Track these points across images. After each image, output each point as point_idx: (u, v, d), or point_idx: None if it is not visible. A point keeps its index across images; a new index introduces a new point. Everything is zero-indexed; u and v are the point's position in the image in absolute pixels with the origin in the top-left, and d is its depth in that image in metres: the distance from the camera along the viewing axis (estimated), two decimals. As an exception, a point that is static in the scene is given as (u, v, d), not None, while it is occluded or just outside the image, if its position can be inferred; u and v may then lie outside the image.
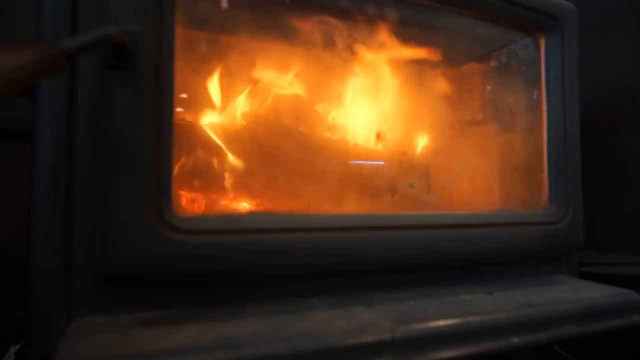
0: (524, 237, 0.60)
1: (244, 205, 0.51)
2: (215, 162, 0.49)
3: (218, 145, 0.52)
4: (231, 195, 0.50)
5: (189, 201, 0.48)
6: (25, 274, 0.99)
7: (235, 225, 0.45)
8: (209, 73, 0.54)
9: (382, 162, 0.58)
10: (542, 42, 0.66)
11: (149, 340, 0.39)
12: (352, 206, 0.53)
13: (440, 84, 0.63)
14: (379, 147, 0.56)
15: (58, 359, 0.36)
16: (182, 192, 0.47)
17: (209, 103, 0.55)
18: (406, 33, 0.60)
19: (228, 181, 0.49)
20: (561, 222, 0.62)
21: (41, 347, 0.42)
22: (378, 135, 0.56)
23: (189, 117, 0.53)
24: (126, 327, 0.41)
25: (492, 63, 0.72)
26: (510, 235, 0.59)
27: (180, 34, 0.45)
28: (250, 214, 0.47)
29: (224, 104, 0.55)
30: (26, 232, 0.99)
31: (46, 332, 0.43)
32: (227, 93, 0.56)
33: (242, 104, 0.54)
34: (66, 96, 0.42)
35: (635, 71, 1.11)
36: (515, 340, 0.49)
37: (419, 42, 0.61)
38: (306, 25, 0.54)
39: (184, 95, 0.53)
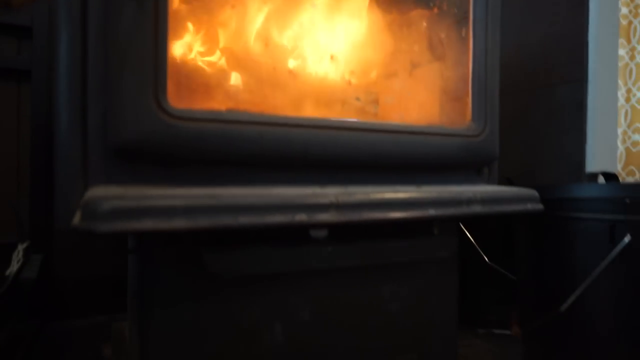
0: (450, 145, 0.74)
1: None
2: (202, 69, 0.61)
3: (204, 60, 0.64)
4: (215, 98, 0.62)
5: (181, 97, 0.60)
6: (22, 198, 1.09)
7: (216, 116, 0.57)
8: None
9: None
10: (472, -11, 0.79)
11: (152, 192, 0.51)
12: (309, 112, 0.66)
13: (388, 23, 0.76)
14: (332, 66, 0.69)
15: (88, 195, 0.48)
16: (175, 89, 0.59)
17: (196, 28, 0.66)
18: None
19: (212, 87, 0.62)
20: (480, 136, 0.77)
21: (64, 207, 0.55)
22: (331, 57, 0.69)
23: (181, 36, 0.64)
24: (133, 190, 0.54)
25: (435, 10, 0.86)
26: (439, 142, 0.73)
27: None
28: (229, 109, 0.59)
29: (208, 27, 0.67)
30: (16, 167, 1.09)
31: (68, 198, 0.55)
32: (210, 19, 0.67)
33: (223, 27, 0.66)
34: (80, 5, 0.53)
35: (568, 29, 1.26)
36: (432, 212, 0.64)
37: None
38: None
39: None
